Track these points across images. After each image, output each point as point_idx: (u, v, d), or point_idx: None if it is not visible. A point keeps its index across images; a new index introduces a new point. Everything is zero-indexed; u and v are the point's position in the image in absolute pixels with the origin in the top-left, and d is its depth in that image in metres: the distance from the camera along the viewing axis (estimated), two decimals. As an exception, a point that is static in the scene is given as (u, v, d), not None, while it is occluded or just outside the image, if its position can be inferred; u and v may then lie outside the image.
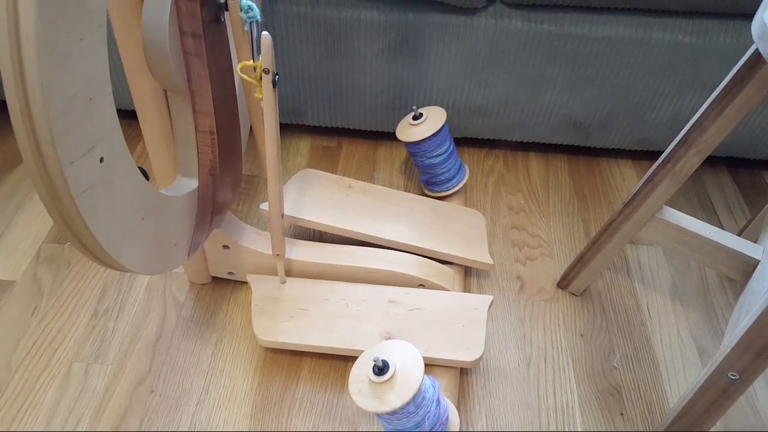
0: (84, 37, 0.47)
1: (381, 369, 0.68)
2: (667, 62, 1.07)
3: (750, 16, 1.02)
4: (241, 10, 0.64)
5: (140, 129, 0.75)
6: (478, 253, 0.99)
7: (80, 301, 0.95)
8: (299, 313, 0.88)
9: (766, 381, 0.91)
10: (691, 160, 0.78)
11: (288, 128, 1.29)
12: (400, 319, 0.87)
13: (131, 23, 0.63)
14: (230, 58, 0.72)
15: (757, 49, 0.67)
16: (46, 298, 0.95)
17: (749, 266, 0.84)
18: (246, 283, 0.96)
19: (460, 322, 0.86)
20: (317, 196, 1.02)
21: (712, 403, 0.72)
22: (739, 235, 1.04)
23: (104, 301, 0.95)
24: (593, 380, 0.90)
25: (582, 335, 0.95)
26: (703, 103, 0.76)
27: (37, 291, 0.96)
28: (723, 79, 0.73)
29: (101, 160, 0.53)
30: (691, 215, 0.87)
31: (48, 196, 0.50)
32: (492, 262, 0.98)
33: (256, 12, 0.64)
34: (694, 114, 0.76)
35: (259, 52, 0.67)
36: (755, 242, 0.89)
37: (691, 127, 0.76)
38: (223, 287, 0.99)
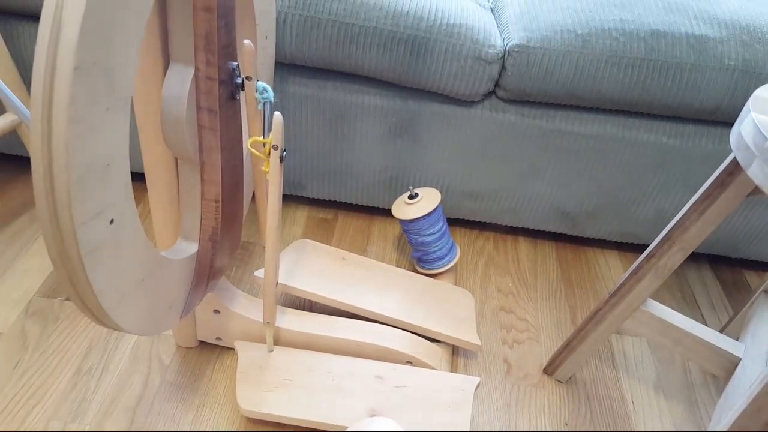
0: (110, 108, 0.51)
1: (364, 446, 0.68)
2: (652, 162, 1.13)
3: (729, 124, 1.09)
4: (256, 91, 0.69)
5: (144, 189, 0.78)
6: (467, 333, 1.00)
7: (64, 358, 0.94)
8: (284, 384, 0.88)
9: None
10: (675, 257, 0.81)
11: (287, 198, 1.33)
12: (385, 396, 0.87)
13: (152, 95, 0.67)
14: (241, 131, 0.76)
15: (735, 157, 0.72)
16: (30, 352, 0.94)
17: (731, 363, 0.85)
18: (232, 349, 0.96)
19: (446, 403, 0.86)
20: (311, 266, 1.04)
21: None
22: (721, 331, 1.06)
23: (89, 359, 0.94)
24: (576, 472, 0.89)
25: (567, 424, 0.95)
26: (686, 202, 0.80)
27: (23, 344, 0.95)
28: (705, 180, 0.77)
29: (111, 221, 0.55)
30: (675, 309, 0.89)
31: (57, 253, 0.51)
32: (480, 343, 0.99)
33: (270, 94, 0.69)
34: (678, 211, 0.80)
35: (269, 130, 0.71)
36: (737, 340, 0.90)
37: (675, 225, 0.80)
38: (209, 352, 0.98)
